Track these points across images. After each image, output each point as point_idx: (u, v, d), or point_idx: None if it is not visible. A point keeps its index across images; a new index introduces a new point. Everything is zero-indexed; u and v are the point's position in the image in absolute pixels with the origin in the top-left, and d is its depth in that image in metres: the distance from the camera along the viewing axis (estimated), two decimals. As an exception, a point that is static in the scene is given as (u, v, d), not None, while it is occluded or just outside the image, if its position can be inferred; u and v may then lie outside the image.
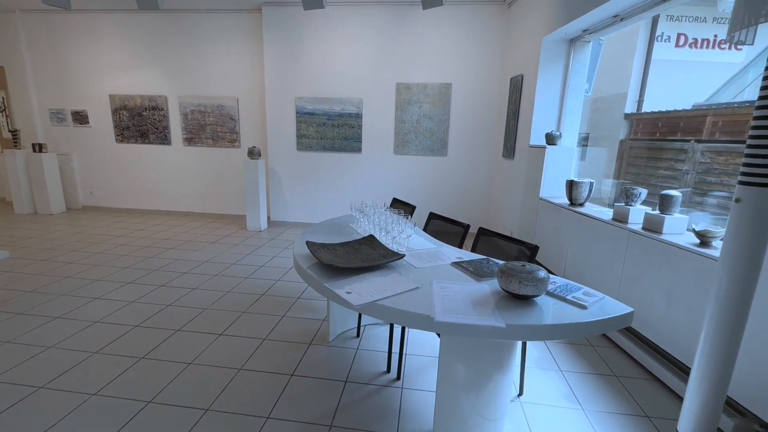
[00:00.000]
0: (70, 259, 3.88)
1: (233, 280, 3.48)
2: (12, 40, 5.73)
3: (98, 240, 4.58)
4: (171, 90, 5.64)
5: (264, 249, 4.44)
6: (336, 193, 5.39)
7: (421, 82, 4.91)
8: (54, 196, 5.86)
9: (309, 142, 5.25)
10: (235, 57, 5.40)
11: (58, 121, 6.00)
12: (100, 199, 6.23)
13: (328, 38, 4.94)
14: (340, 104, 5.09)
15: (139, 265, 3.80)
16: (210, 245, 4.52)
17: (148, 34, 5.50)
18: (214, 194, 5.94)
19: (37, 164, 5.68)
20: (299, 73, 5.08)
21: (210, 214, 6.01)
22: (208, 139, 5.71)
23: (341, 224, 2.56)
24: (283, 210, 5.56)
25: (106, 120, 5.88)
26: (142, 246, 4.40)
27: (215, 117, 5.62)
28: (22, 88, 5.88)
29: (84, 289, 3.17)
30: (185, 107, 5.63)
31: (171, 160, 5.89)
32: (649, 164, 3.48)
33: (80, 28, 5.62)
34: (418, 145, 5.07)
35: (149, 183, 6.04)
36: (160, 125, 5.75)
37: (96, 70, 5.73)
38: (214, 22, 5.32)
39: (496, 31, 4.69)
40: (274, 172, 5.43)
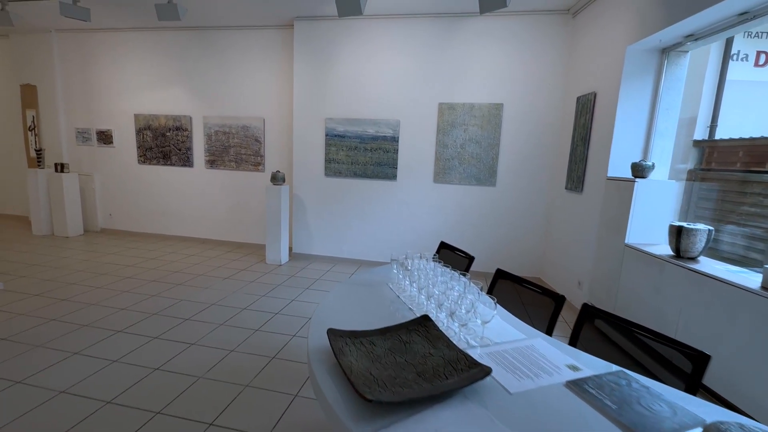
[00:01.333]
0: (64, 295, 3.41)
1: (240, 333, 2.87)
2: (46, 60, 5.66)
3: (104, 270, 4.14)
4: (196, 110, 5.32)
5: (282, 289, 3.84)
6: (366, 224, 4.77)
7: (467, 102, 4.30)
8: (72, 218, 5.59)
9: (338, 168, 4.71)
10: (263, 75, 5.03)
11: (83, 140, 5.81)
12: (118, 222, 5.92)
13: (363, 54, 4.47)
14: (374, 126, 4.55)
15: (138, 306, 3.27)
16: (222, 282, 3.97)
17: (175, 51, 5.25)
18: (234, 221, 5.48)
19: (57, 184, 5.46)
20: (330, 93, 4.61)
21: (228, 243, 5.53)
22: (231, 161, 5.30)
23: (377, 283, 1.91)
24: (307, 242, 4.98)
25: (130, 140, 5.63)
26: (148, 280, 3.91)
27: (239, 139, 5.22)
28: (51, 107, 5.77)
29: (62, 340, 2.64)
30: (209, 128, 5.29)
31: (192, 183, 5.51)
32: (727, 199, 2.77)
33: (109, 47, 5.47)
34: (462, 173, 4.41)
35: (168, 207, 5.68)
36: (183, 146, 5.42)
37: (122, 88, 5.52)
38: (242, 40, 5.01)
39: (558, 45, 4.05)
40: (298, 199, 4.91)
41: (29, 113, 5.89)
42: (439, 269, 1.83)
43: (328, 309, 1.56)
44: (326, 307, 1.58)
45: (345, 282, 1.90)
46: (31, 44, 5.69)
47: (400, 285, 1.86)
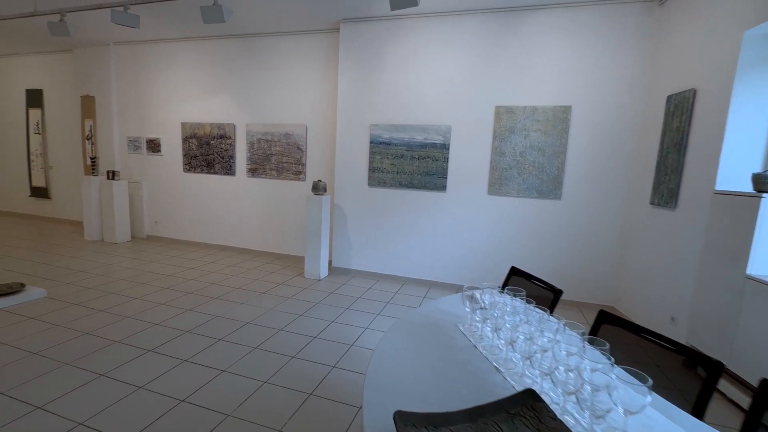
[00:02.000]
0: (102, 305, 3.31)
1: (275, 360, 2.57)
2: (104, 72, 5.87)
3: (144, 279, 4.06)
4: (239, 117, 5.25)
5: (320, 308, 3.53)
6: (411, 238, 4.39)
7: (529, 104, 3.84)
8: (120, 224, 5.69)
9: (383, 177, 4.38)
10: (306, 81, 4.85)
11: (133, 148, 5.95)
12: (163, 230, 5.97)
13: (411, 55, 4.15)
14: (422, 133, 4.19)
15: (172, 321, 3.08)
16: (259, 297, 3.73)
17: (220, 60, 5.23)
18: (273, 232, 5.31)
19: (108, 191, 5.58)
20: (376, 97, 4.32)
21: (267, 254, 5.36)
22: (272, 170, 5.15)
23: (443, 324, 1.52)
24: (347, 255, 4.68)
25: (177, 148, 5.67)
26: (185, 292, 3.76)
27: (281, 146, 5.06)
28: (107, 117, 5.96)
29: (90, 359, 2.47)
30: (252, 136, 5.18)
31: (234, 192, 5.43)
32: None
33: (159, 57, 5.57)
34: (522, 183, 3.92)
35: (210, 215, 5.63)
36: (226, 155, 5.35)
37: (171, 97, 5.59)
38: (286, 46, 4.87)
39: (640, 37, 3.50)
40: (339, 210, 4.63)
41: (87, 123, 6.13)
42: (522, 306, 1.41)
43: (384, 363, 1.19)
44: (382, 360, 1.20)
45: (402, 320, 1.53)
46: (92, 57, 5.93)
47: (475, 329, 1.45)
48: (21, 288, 3.51)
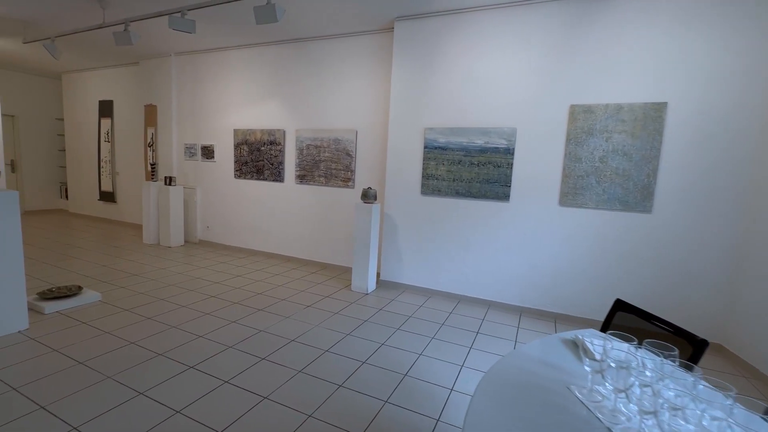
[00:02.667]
0: (151, 312, 3.26)
1: (321, 388, 2.30)
2: (165, 81, 6.11)
3: (193, 286, 4.02)
4: (289, 123, 5.17)
5: (369, 327, 3.23)
6: (468, 252, 3.98)
7: (612, 102, 3.31)
8: (175, 228, 5.82)
9: (437, 185, 4.03)
10: (357, 84, 4.65)
11: (190, 155, 6.10)
12: (214, 235, 6.04)
13: (471, 52, 3.79)
14: (483, 136, 3.79)
15: (217, 334, 2.93)
16: (305, 311, 3.52)
17: (273, 66, 5.20)
18: (320, 241, 5.14)
19: (165, 196, 5.74)
20: (432, 99, 4.00)
21: (313, 263, 5.19)
22: (320, 177, 4.99)
23: (549, 382, 1.13)
24: (397, 268, 4.36)
25: (229, 155, 5.72)
26: (231, 302, 3.64)
27: (330, 152, 4.89)
28: (166, 125, 6.19)
29: (131, 372, 2.34)
30: (301, 141, 5.07)
31: (281, 198, 5.34)
32: None
33: (215, 66, 5.67)
34: (602, 194, 3.39)
35: (258, 222, 5.59)
36: (276, 161, 5.29)
37: (225, 105, 5.66)
38: (337, 49, 4.72)
39: (764, 12, 2.87)
40: (389, 219, 4.34)
41: (149, 130, 6.41)
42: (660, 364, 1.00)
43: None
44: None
45: (492, 376, 1.16)
46: (155, 68, 6.20)
47: (598, 399, 1.06)
48: (78, 291, 3.59)
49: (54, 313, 3.16)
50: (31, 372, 2.29)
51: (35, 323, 2.94)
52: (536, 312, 3.74)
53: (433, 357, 2.78)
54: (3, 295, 2.69)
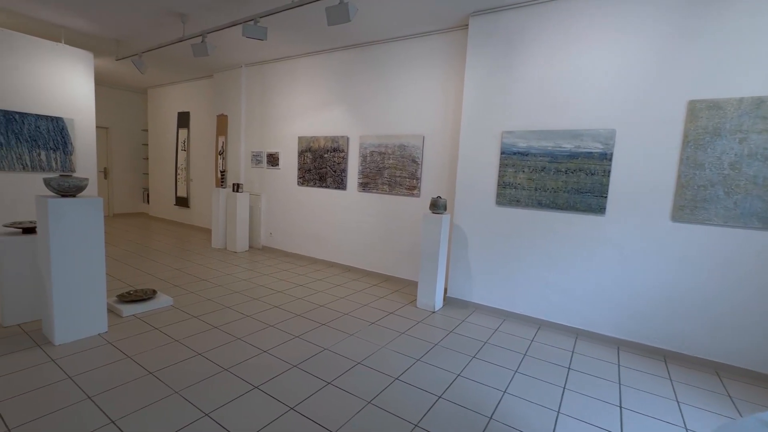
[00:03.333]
0: (217, 321, 3.22)
1: (393, 425, 2.01)
2: (235, 92, 6.34)
3: (257, 294, 3.98)
4: (353, 129, 5.04)
5: (440, 353, 2.90)
6: (552, 272, 3.50)
7: (748, 95, 2.69)
8: (241, 234, 5.95)
9: (516, 195, 3.61)
10: (425, 87, 4.38)
11: (256, 162, 6.24)
12: (276, 241, 6.09)
13: (558, 46, 3.34)
14: (572, 140, 3.32)
15: (279, 350, 2.79)
16: (369, 328, 3.28)
17: (338, 72, 5.12)
18: (383, 251, 4.91)
19: (232, 203, 5.91)
20: (511, 100, 3.61)
21: (375, 275, 4.97)
22: (384, 184, 4.78)
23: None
24: (466, 285, 3.98)
25: (293, 162, 5.75)
26: (293, 314, 3.51)
27: (395, 159, 4.67)
28: (236, 133, 6.40)
29: (190, 392, 2.24)
30: (365, 148, 4.91)
31: (344, 207, 5.22)
32: None
33: (282, 75, 5.75)
34: (732, 208, 2.76)
35: (320, 230, 5.52)
36: (339, 168, 5.19)
37: (290, 112, 5.70)
38: (404, 51, 4.50)
39: None
40: (459, 231, 3.98)
41: (220, 139, 6.68)
42: None
43: None
44: None
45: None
46: (227, 79, 6.47)
47: None
48: (153, 295, 3.68)
49: (130, 316, 3.24)
50: (105, 380, 2.28)
51: (113, 326, 3.02)
52: (638, 347, 3.15)
53: (520, 397, 2.37)
54: (87, 298, 2.78)
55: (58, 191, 2.64)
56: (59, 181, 2.61)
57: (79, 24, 4.75)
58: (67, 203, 2.61)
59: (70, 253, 2.65)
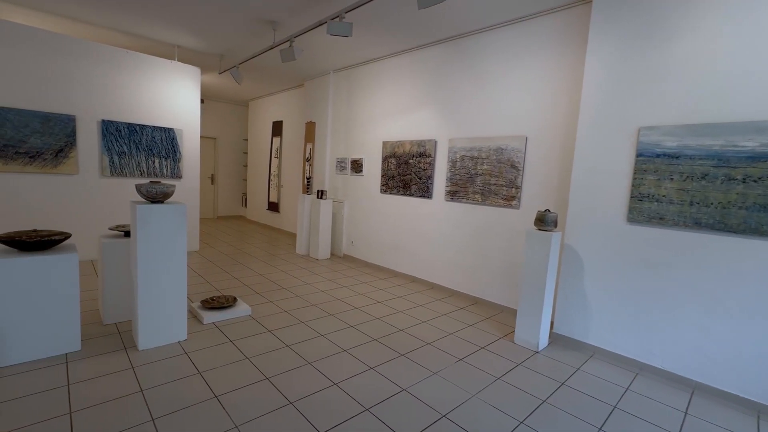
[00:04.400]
0: (291, 338, 2.99)
1: None
2: (323, 98, 6.34)
3: (334, 309, 3.71)
4: (442, 132, 4.55)
5: (548, 415, 2.22)
6: (717, 320, 2.54)
7: None
8: (323, 241, 5.87)
9: (659, 210, 2.73)
10: (528, 80, 3.69)
11: (340, 169, 6.13)
12: (357, 250, 5.87)
13: (738, 6, 2.41)
14: (755, 135, 2.36)
15: (352, 384, 2.41)
16: (455, 366, 2.74)
17: (425, 71, 4.69)
18: (473, 269, 4.30)
19: (316, 209, 5.86)
20: (653, 87, 2.76)
21: (463, 296, 4.38)
22: (476, 194, 4.19)
23: None
24: (581, 322, 3.18)
25: (376, 169, 5.47)
26: (370, 338, 3.14)
27: (490, 164, 4.04)
28: (322, 140, 6.40)
29: (260, 425, 1.95)
30: (455, 152, 4.38)
31: (429, 217, 4.74)
32: None
33: (367, 78, 5.52)
34: None
35: (402, 241, 5.12)
36: (424, 175, 4.74)
37: (376, 116, 5.44)
38: (502, 40, 3.87)
39: None
40: (572, 253, 3.20)
41: (308, 146, 6.76)
42: None
43: None
44: None
45: None
46: (316, 87, 6.52)
47: None
48: (233, 303, 3.63)
49: (210, 324, 3.20)
50: (171, 400, 2.15)
51: (193, 334, 2.98)
52: None
53: None
54: (168, 305, 2.76)
55: (147, 197, 2.66)
56: (147, 187, 2.62)
57: (190, 42, 5.13)
58: (152, 209, 2.61)
59: (154, 258, 2.65)
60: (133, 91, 5.09)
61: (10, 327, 2.36)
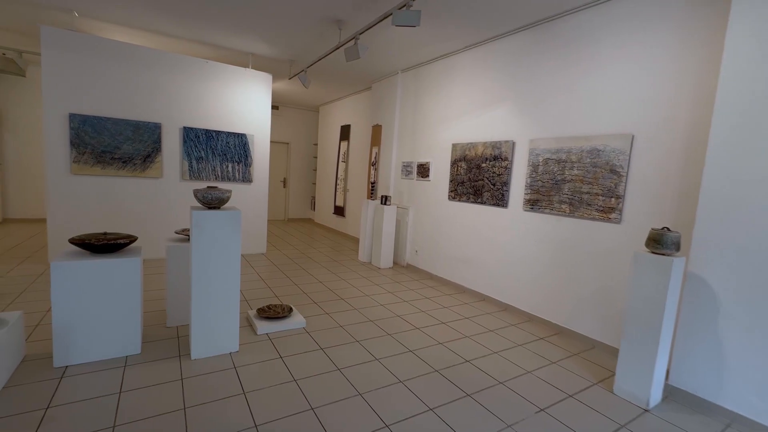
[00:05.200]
0: (342, 359, 2.72)
1: None
2: (390, 100, 6.09)
3: (392, 327, 3.38)
4: (521, 132, 3.97)
5: None
6: None
7: None
8: (386, 249, 5.59)
9: None
10: (638, 63, 2.98)
11: (406, 174, 5.81)
12: (421, 261, 5.48)
13: None
14: None
15: (404, 427, 2.04)
16: (536, 417, 2.21)
17: (504, 63, 4.14)
18: (556, 293, 3.65)
19: (379, 216, 5.60)
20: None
21: (544, 323, 3.75)
22: (562, 203, 3.55)
23: None
24: (710, 374, 2.41)
25: (444, 173, 5.03)
26: (430, 368, 2.73)
27: (582, 169, 3.38)
28: (388, 143, 6.14)
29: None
30: (537, 155, 3.78)
31: (503, 228, 4.18)
32: None
33: (437, 76, 5.11)
34: None
35: (471, 254, 4.61)
36: (499, 180, 4.19)
37: (445, 117, 5.01)
38: (602, 17, 3.19)
39: None
40: (701, 286, 2.45)
41: (374, 150, 6.56)
42: None
43: None
44: None
45: None
46: (384, 88, 6.29)
47: None
48: (289, 313, 3.47)
49: (263, 335, 3.07)
50: (210, 424, 1.98)
51: (245, 345, 2.86)
52: None
53: None
54: (221, 314, 2.66)
55: (203, 202, 2.59)
56: (203, 192, 2.54)
57: (263, 49, 5.23)
58: (207, 215, 2.52)
59: (208, 265, 2.56)
60: (211, 99, 5.33)
61: (78, 326, 2.42)
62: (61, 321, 2.38)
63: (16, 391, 2.14)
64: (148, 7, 4.09)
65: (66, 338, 2.40)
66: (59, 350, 2.40)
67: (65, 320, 2.38)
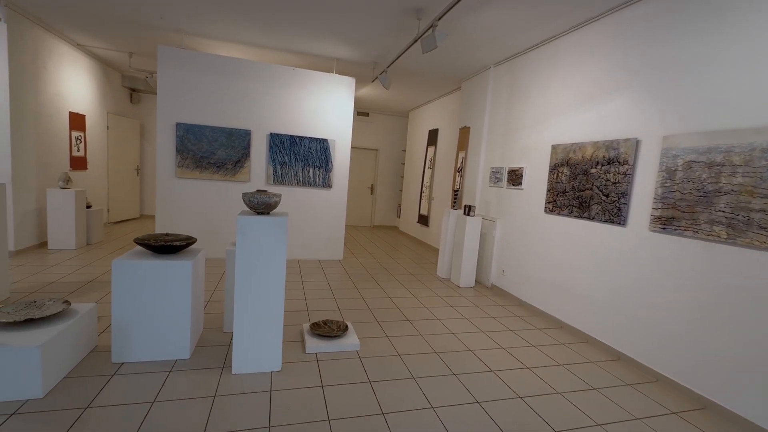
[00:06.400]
0: (389, 402, 2.25)
1: None
2: (480, 99, 5.44)
3: (460, 366, 2.78)
4: (648, 127, 2.99)
5: None
6: None
7: None
8: (467, 266, 4.93)
9: None
10: None
11: (494, 181, 5.08)
12: (508, 282, 4.68)
13: None
14: None
15: None
16: None
17: (621, 44, 3.21)
18: (701, 350, 2.60)
19: (461, 227, 4.98)
20: None
21: (679, 389, 2.71)
22: (714, 224, 2.51)
23: None
24: None
25: (541, 180, 4.20)
26: (497, 429, 2.08)
27: (748, 176, 2.33)
28: (476, 147, 5.50)
29: None
30: (673, 157, 2.78)
31: (619, 252, 3.21)
32: None
33: (535, 67, 4.31)
34: None
35: (570, 280, 3.70)
36: (615, 190, 3.25)
37: (543, 115, 4.19)
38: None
39: None
40: None
41: (460, 155, 5.96)
42: None
43: None
44: None
45: None
46: (473, 87, 5.68)
47: None
48: (344, 332, 3.14)
49: (312, 354, 2.78)
50: (221, 463, 1.72)
51: (288, 365, 2.61)
52: None
53: None
54: (264, 329, 2.45)
55: (251, 207, 2.42)
56: (250, 196, 2.37)
57: (347, 52, 5.14)
58: (251, 221, 2.33)
59: (251, 275, 2.37)
60: (296, 105, 5.43)
61: (135, 325, 2.45)
62: (120, 318, 2.42)
63: (72, 383, 2.20)
64: (241, 21, 4.28)
65: (123, 335, 2.44)
66: (117, 346, 2.45)
67: (123, 317, 2.42)
